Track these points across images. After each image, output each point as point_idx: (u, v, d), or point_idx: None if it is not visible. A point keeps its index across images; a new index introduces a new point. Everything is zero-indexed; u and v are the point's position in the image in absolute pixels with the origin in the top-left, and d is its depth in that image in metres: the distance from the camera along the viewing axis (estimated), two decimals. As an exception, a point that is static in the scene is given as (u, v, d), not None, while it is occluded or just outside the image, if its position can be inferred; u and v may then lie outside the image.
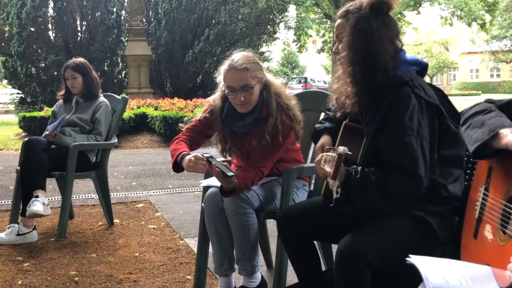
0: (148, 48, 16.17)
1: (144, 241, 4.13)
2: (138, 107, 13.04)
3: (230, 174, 2.62)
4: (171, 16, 17.26)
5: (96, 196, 4.98)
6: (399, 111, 2.00)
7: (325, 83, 33.86)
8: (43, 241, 4.14)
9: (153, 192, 6.19)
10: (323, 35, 32.97)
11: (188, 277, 3.33)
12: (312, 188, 3.14)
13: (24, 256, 3.75)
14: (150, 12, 18.46)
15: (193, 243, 3.96)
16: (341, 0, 22.90)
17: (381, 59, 2.06)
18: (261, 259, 3.16)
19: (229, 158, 3.09)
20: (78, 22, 17.17)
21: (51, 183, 5.38)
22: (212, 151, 2.90)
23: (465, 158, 2.16)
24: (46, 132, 4.31)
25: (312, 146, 2.99)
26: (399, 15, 27.12)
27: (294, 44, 32.52)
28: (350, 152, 2.10)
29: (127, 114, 11.73)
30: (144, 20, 16.88)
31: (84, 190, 6.17)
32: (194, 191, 6.13)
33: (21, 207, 4.13)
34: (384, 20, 2.10)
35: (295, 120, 2.85)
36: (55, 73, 16.03)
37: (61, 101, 4.66)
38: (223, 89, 2.86)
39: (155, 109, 12.68)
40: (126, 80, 17.44)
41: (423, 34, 46.40)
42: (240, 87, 2.76)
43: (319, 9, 28.75)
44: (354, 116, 2.25)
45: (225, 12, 17.42)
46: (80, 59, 4.61)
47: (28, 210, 3.93)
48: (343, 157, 1.94)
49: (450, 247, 2.10)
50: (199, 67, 17.35)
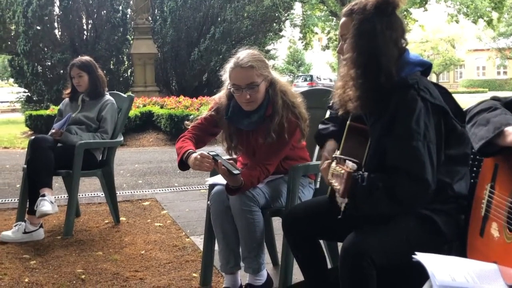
0: (153, 46, 16.19)
1: (150, 239, 4.15)
2: (144, 105, 13.06)
3: (236, 172, 2.62)
4: (176, 14, 17.26)
5: (102, 194, 4.99)
6: (406, 114, 1.97)
7: (331, 80, 33.86)
8: (50, 239, 4.16)
9: (159, 190, 6.20)
10: (329, 33, 32.92)
11: (194, 274, 3.33)
12: (318, 186, 3.13)
13: (31, 254, 3.77)
14: (156, 10, 18.46)
15: (199, 241, 3.97)
16: (346, -2, 22.87)
17: (384, 63, 2.02)
18: (267, 257, 3.16)
19: (234, 156, 3.09)
20: (84, 21, 17.19)
21: (57, 181, 5.39)
22: (218, 149, 2.90)
23: (471, 156, 2.15)
24: (53, 131, 4.32)
25: (318, 144, 2.99)
26: (405, 13, 27.04)
27: (300, 42, 32.50)
28: (355, 153, 2.09)
29: (133, 112, 11.75)
30: (150, 18, 16.88)
31: (90, 188, 6.19)
32: (200, 189, 6.14)
33: (27, 205, 4.15)
34: (389, 21, 2.05)
35: (301, 118, 2.85)
36: (61, 71, 16.05)
37: (67, 99, 4.68)
38: (228, 87, 2.86)
39: (161, 107, 12.69)
40: (132, 78, 17.45)
41: (429, 31, 46.23)
42: (246, 85, 2.76)
43: (325, 7, 28.72)
44: (358, 115, 2.23)
45: (230, 10, 17.41)
46: (86, 58, 4.62)
47: (37, 211, 3.95)
48: (352, 174, 1.93)
49: (457, 245, 2.09)
50: (205, 65, 17.35)
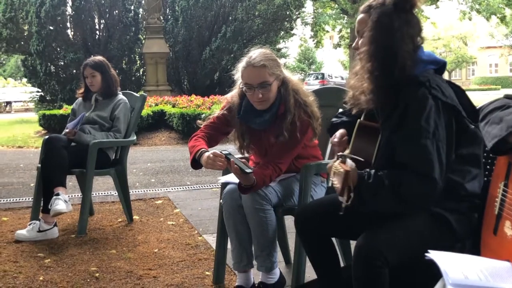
0: (165, 46, 16.23)
1: (163, 237, 4.17)
2: (156, 105, 13.11)
3: (248, 170, 2.63)
4: (188, 13, 17.29)
5: (115, 193, 5.02)
6: (416, 112, 1.97)
7: (342, 79, 33.74)
8: (64, 237, 4.19)
9: (172, 189, 6.22)
10: (340, 31, 32.82)
11: (207, 273, 3.35)
12: (330, 184, 3.13)
13: (45, 253, 3.80)
14: (167, 9, 18.51)
15: (211, 239, 3.98)
16: (358, -5, 22.76)
17: (400, 58, 2.03)
18: (279, 255, 3.17)
19: (247, 155, 3.10)
20: (96, 21, 17.27)
21: (71, 180, 5.43)
22: (230, 148, 2.91)
23: (484, 154, 2.14)
24: (66, 130, 4.35)
25: (330, 144, 2.99)
26: (416, 10, 26.82)
27: (311, 40, 32.43)
28: (365, 151, 2.10)
29: (145, 111, 11.80)
30: (162, 18, 16.94)
31: (103, 187, 6.23)
32: (212, 188, 6.15)
33: (42, 204, 4.19)
34: (407, 18, 2.06)
35: (313, 117, 2.85)
36: (74, 71, 16.15)
37: (80, 99, 4.71)
38: (241, 86, 2.87)
39: (173, 107, 12.74)
40: (144, 77, 17.51)
41: (441, 28, 45.93)
42: (258, 84, 2.76)
43: (336, 5, 28.60)
44: (370, 113, 2.24)
45: (241, 9, 17.42)
46: (99, 57, 4.64)
47: (51, 210, 3.98)
48: (350, 173, 1.94)
49: (470, 243, 2.09)
50: (216, 64, 17.38)
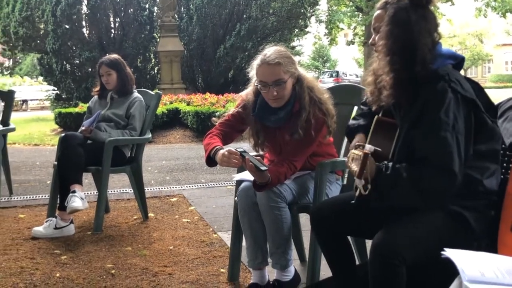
0: (180, 44, 16.27)
1: (178, 234, 4.18)
2: (171, 103, 13.14)
3: (263, 168, 2.63)
4: (202, 11, 17.32)
5: (131, 191, 5.05)
6: (435, 105, 1.97)
7: (357, 76, 33.63)
8: (80, 234, 4.22)
9: (186, 187, 6.25)
10: (355, 28, 32.69)
11: (222, 270, 3.36)
12: (345, 182, 3.13)
13: (62, 249, 3.83)
14: (182, 8, 18.55)
15: (226, 237, 3.99)
16: (373, -7, 22.64)
17: (419, 51, 2.03)
18: (294, 253, 3.17)
19: (261, 153, 3.10)
20: (111, 19, 17.33)
21: (87, 178, 5.47)
22: (245, 146, 2.92)
23: (501, 152, 2.13)
24: (82, 128, 4.37)
25: (345, 140, 2.99)
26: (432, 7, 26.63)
27: (325, 38, 32.33)
28: (382, 147, 2.09)
29: (160, 109, 11.83)
30: (176, 16, 16.98)
31: (119, 185, 6.26)
32: (226, 186, 6.17)
33: (58, 201, 4.22)
34: (424, 13, 2.07)
35: (328, 114, 2.85)
36: (90, 69, 16.24)
37: (96, 97, 4.73)
38: (255, 83, 2.87)
39: (187, 105, 12.77)
40: (158, 76, 17.57)
41: (457, 26, 45.52)
42: (273, 82, 2.77)
43: (351, 2, 28.51)
44: (388, 109, 2.24)
45: (256, 7, 17.40)
46: (115, 56, 4.67)
47: (68, 207, 4.01)
48: (368, 156, 1.93)
49: (486, 241, 2.08)
50: (231, 62, 17.39)
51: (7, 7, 17.47)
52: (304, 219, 3.62)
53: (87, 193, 5.32)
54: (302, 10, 19.03)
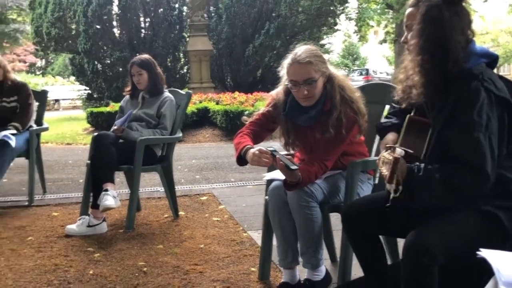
0: (209, 43, 16.33)
1: (209, 233, 4.21)
2: (200, 102, 13.20)
3: (294, 167, 2.62)
4: (231, 10, 17.36)
5: (161, 189, 5.10)
6: (468, 105, 1.94)
7: (387, 74, 33.30)
8: (112, 232, 4.28)
9: (216, 185, 6.28)
10: (385, 26, 32.38)
11: (253, 269, 3.37)
12: (376, 181, 3.11)
13: (95, 247, 3.89)
14: (211, 7, 18.63)
15: (256, 236, 4.00)
16: (403, -10, 22.37)
17: (452, 49, 2.01)
18: (325, 253, 3.16)
19: (292, 152, 3.10)
20: (141, 19, 17.50)
21: (119, 177, 5.54)
22: (275, 145, 2.92)
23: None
24: (114, 127, 4.43)
25: (377, 139, 2.97)
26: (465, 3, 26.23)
27: (355, 35, 32.08)
28: (414, 146, 2.07)
29: (189, 108, 11.89)
30: (205, 16, 17.05)
31: (150, 183, 6.32)
32: (256, 184, 6.17)
33: (91, 200, 4.28)
34: (456, 10, 2.04)
35: (359, 113, 2.83)
36: (120, 69, 16.43)
37: (128, 96, 4.79)
38: (286, 83, 2.87)
39: (217, 104, 12.82)
40: (188, 75, 17.67)
41: (489, 22, 44.74)
42: (303, 81, 2.76)
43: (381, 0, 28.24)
44: (420, 108, 2.21)
45: (285, 5, 17.37)
46: (146, 56, 4.71)
47: (100, 205, 4.07)
48: (399, 160, 1.91)
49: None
50: (259, 61, 17.39)
51: (40, 8, 17.77)
52: (335, 219, 3.60)
53: (119, 192, 5.38)
54: (331, 8, 18.94)
